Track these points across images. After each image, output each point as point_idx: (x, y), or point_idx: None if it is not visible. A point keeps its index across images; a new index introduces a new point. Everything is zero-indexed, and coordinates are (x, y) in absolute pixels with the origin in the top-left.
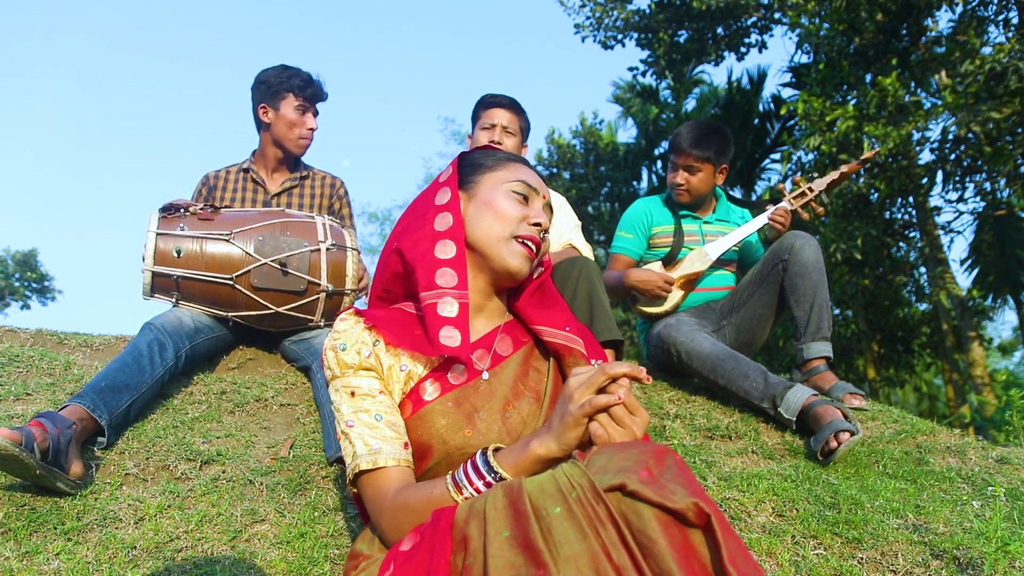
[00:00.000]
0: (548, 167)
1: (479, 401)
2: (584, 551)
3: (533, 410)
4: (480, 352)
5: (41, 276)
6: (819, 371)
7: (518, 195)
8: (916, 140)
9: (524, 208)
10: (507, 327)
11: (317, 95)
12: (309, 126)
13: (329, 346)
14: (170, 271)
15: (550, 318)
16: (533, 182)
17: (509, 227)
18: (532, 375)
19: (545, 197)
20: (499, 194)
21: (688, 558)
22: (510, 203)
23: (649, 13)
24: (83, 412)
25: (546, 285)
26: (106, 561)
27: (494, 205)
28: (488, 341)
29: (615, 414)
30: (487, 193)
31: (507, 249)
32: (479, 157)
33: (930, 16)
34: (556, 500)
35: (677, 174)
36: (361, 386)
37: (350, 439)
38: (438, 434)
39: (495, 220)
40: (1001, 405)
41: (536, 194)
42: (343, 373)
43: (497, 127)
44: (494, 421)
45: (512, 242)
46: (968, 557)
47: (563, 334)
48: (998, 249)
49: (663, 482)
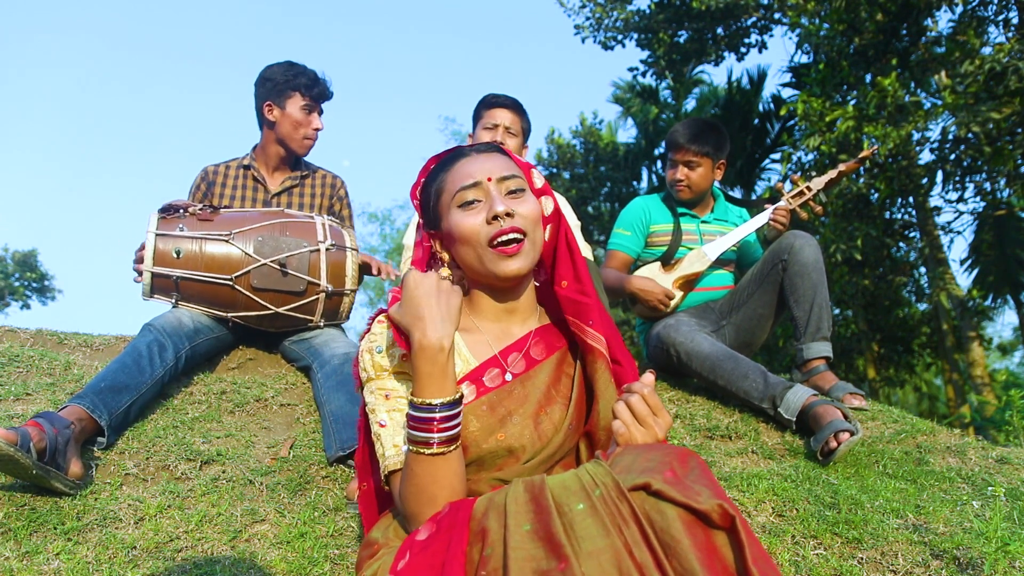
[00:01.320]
0: (548, 167)
1: (513, 405)
2: (607, 547)
3: (563, 416)
4: (514, 356)
5: (41, 276)
6: (819, 371)
7: (467, 205)
8: (916, 140)
9: (478, 214)
10: (541, 331)
11: (324, 94)
12: (315, 126)
13: (365, 348)
14: (170, 272)
15: (578, 309)
16: (473, 176)
17: (479, 244)
18: (564, 381)
19: (491, 178)
20: (454, 218)
21: (711, 558)
22: (464, 220)
23: (649, 13)
24: (82, 412)
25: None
26: (106, 561)
27: (455, 233)
28: (522, 344)
29: (639, 414)
30: (448, 224)
31: (490, 262)
32: (428, 185)
33: (930, 16)
34: (579, 497)
35: (676, 170)
36: (397, 389)
37: (381, 440)
38: (472, 437)
39: (464, 246)
40: (1001, 405)
41: (480, 187)
42: (378, 376)
43: (500, 128)
44: (526, 426)
45: (488, 252)
46: (968, 557)
47: (588, 329)
48: (998, 249)
49: (688, 483)
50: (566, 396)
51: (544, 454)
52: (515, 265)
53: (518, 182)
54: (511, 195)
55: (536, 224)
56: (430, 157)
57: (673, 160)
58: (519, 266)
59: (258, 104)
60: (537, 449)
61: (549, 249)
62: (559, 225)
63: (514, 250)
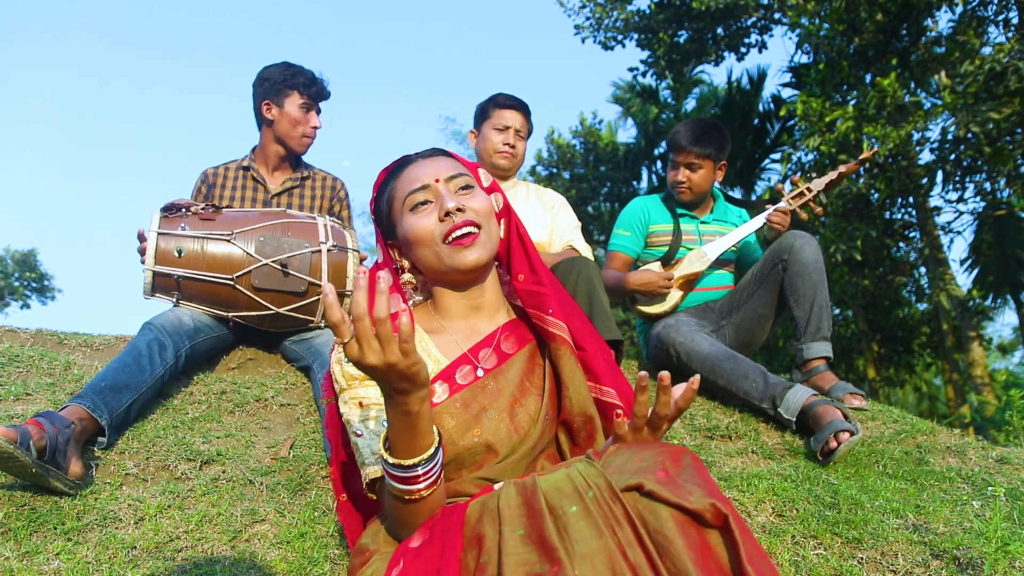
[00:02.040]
0: (548, 167)
1: (487, 400)
2: (600, 549)
3: (538, 407)
4: (485, 352)
5: (41, 276)
6: (819, 371)
7: (418, 207)
8: (916, 140)
9: (430, 214)
10: (509, 325)
11: (321, 93)
12: (313, 124)
13: (334, 360)
14: (171, 271)
15: (536, 301)
16: (421, 179)
17: (434, 242)
18: (536, 372)
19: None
20: (407, 222)
21: (705, 558)
22: (418, 222)
23: (649, 14)
24: (83, 412)
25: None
26: (106, 561)
27: (410, 236)
28: (491, 340)
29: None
30: (402, 229)
31: (448, 257)
32: (380, 197)
33: (930, 16)
34: (572, 499)
35: (678, 172)
36: (369, 395)
37: (359, 448)
38: (448, 435)
39: (421, 247)
40: (1001, 405)
41: (429, 187)
42: (349, 385)
43: (511, 130)
44: (502, 420)
45: (444, 248)
46: (968, 557)
47: (548, 318)
48: (998, 249)
49: (680, 482)
50: (539, 387)
51: (524, 448)
52: (473, 255)
53: (466, 179)
54: (460, 192)
55: (489, 217)
56: (380, 171)
57: (675, 161)
58: (477, 256)
59: (256, 104)
60: (515, 443)
61: (503, 245)
62: (511, 220)
63: (469, 240)
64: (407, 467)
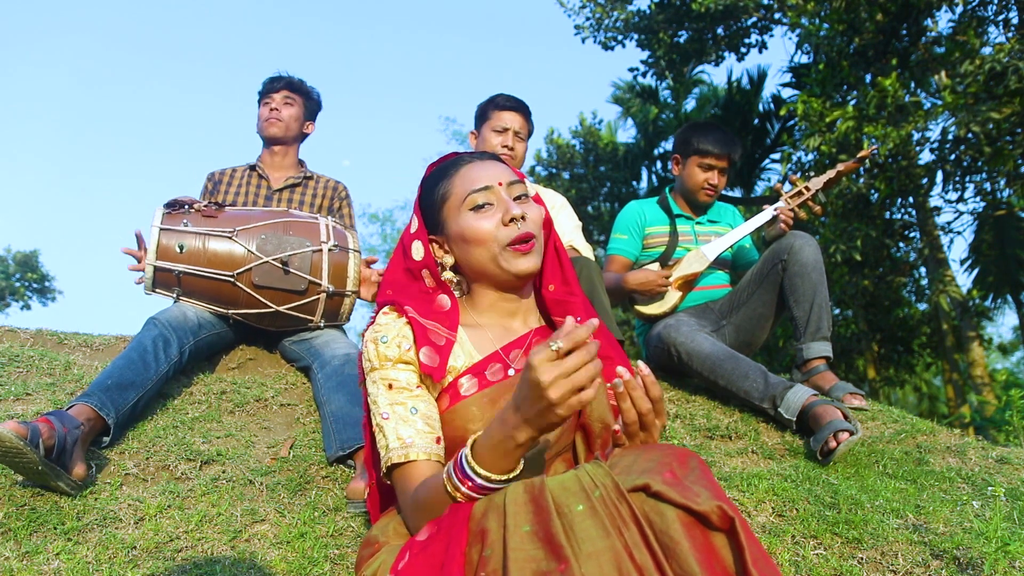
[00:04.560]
0: (548, 167)
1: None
2: (606, 548)
3: None
4: (516, 352)
5: (42, 276)
6: (819, 371)
7: (479, 208)
8: (916, 140)
9: (493, 216)
10: (541, 331)
11: (273, 85)
12: (270, 107)
13: (370, 338)
14: (172, 266)
15: (564, 309)
16: (483, 180)
17: (494, 244)
18: None
19: (502, 183)
20: (466, 221)
21: (710, 560)
22: (479, 223)
23: (649, 14)
24: (91, 412)
25: (566, 267)
26: (106, 561)
27: (468, 235)
28: (523, 341)
29: (645, 421)
30: (455, 227)
31: (506, 261)
32: (431, 190)
33: (930, 16)
34: (579, 498)
35: (712, 175)
36: (399, 379)
37: (384, 432)
38: (471, 430)
39: (478, 247)
40: (1001, 405)
41: (492, 189)
42: (382, 365)
43: (510, 132)
44: None
45: (505, 252)
46: (968, 557)
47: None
48: (998, 249)
49: (687, 484)
50: None
51: (539, 448)
52: (530, 263)
53: (523, 188)
54: (518, 200)
55: (541, 228)
56: (429, 164)
57: (707, 164)
58: (533, 263)
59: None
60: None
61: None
62: (550, 232)
63: (528, 248)
64: (495, 480)
